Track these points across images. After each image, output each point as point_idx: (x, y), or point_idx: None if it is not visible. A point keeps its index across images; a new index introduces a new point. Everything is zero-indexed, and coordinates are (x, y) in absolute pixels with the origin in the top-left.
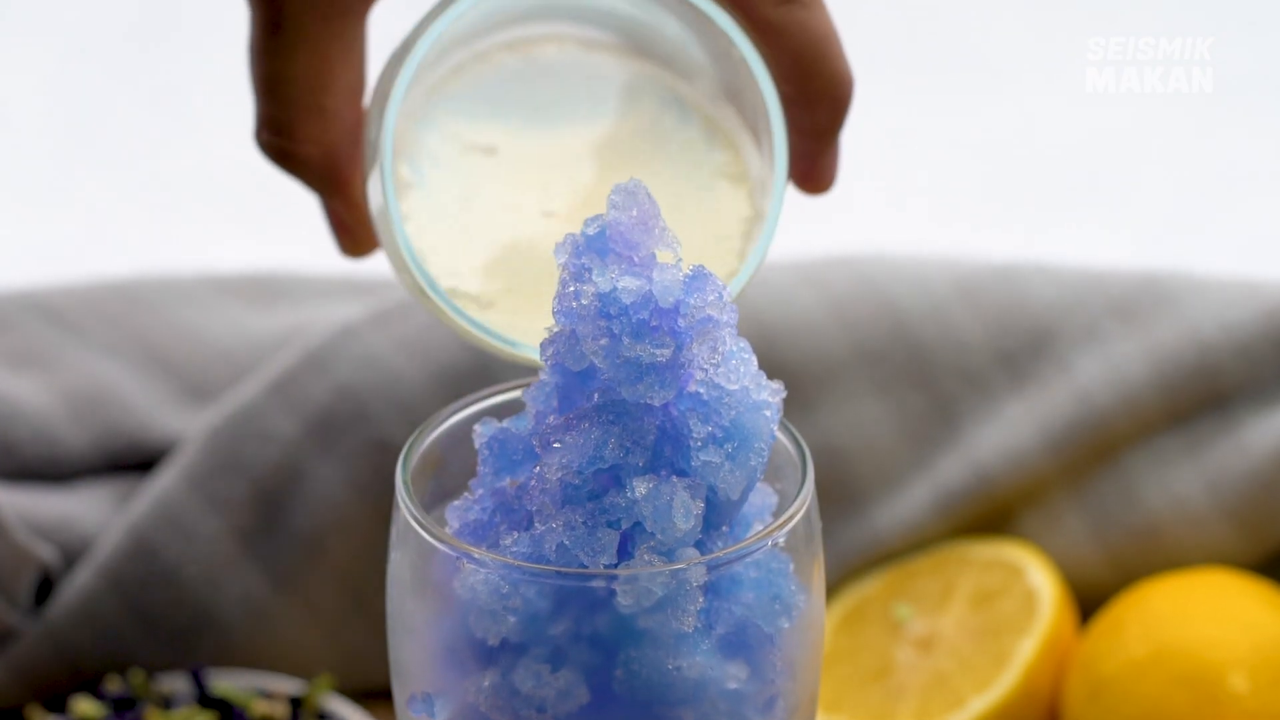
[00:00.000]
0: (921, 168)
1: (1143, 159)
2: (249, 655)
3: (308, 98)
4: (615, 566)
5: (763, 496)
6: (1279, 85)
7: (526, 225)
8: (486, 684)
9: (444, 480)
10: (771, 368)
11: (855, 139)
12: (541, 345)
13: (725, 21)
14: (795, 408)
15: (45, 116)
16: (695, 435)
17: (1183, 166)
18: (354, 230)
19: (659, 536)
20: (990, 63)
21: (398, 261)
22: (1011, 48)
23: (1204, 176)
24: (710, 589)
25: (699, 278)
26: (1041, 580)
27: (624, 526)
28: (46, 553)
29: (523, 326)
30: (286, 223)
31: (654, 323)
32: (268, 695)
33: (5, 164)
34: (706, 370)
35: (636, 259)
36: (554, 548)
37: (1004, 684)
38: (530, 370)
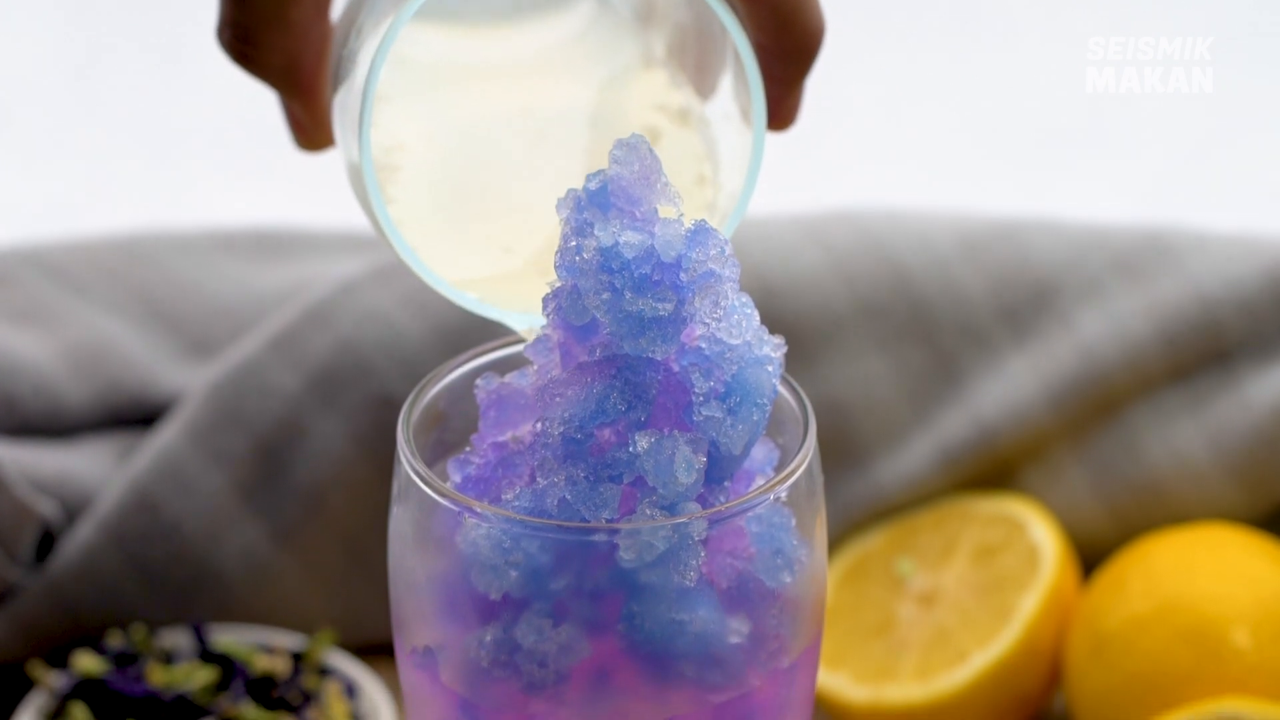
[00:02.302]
0: (924, 123)
1: (1146, 115)
2: (250, 610)
3: (273, 7)
4: (617, 521)
5: (765, 451)
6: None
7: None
8: (488, 638)
9: (445, 435)
10: (773, 322)
11: (858, 95)
12: (544, 300)
13: None
14: (797, 363)
15: (46, 71)
16: (697, 390)
17: (1186, 122)
18: (311, 132)
19: (661, 491)
20: (993, 18)
21: (370, 214)
22: (1014, 1)
23: (1207, 132)
24: (712, 543)
25: (701, 232)
26: (1043, 535)
27: (626, 481)
28: (47, 508)
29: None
30: (289, 178)
31: (656, 277)
32: (269, 650)
33: (6, 119)
34: (708, 325)
35: (638, 214)
36: (556, 502)
37: (1006, 639)
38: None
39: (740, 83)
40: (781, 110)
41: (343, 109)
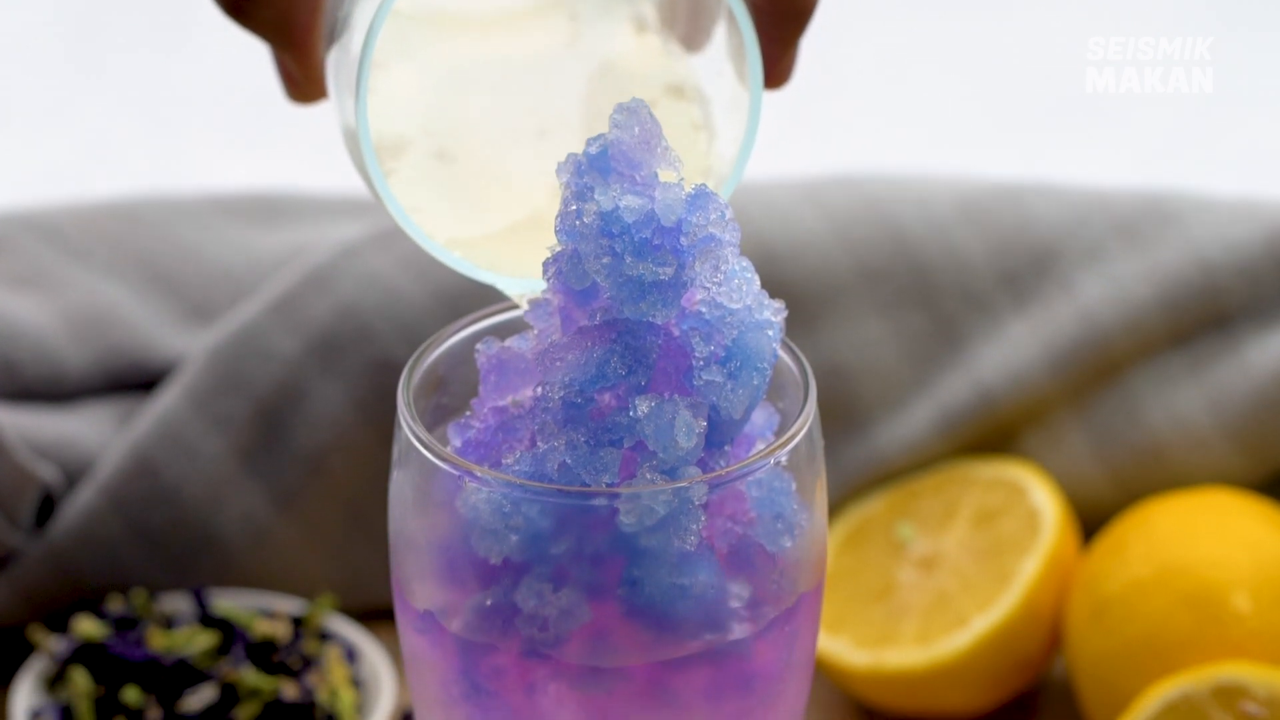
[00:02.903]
0: (925, 87)
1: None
2: (251, 575)
3: None
4: (617, 485)
5: (765, 415)
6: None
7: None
8: (488, 603)
9: (446, 399)
10: (774, 287)
11: (858, 59)
12: (544, 264)
13: None
14: (797, 327)
15: (46, 35)
16: (697, 354)
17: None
18: (303, 85)
19: (661, 455)
20: None
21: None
22: None
23: (1207, 96)
24: (712, 508)
25: (701, 197)
26: (1044, 500)
27: (626, 445)
28: (48, 473)
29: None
30: (289, 142)
31: (656, 241)
32: (269, 615)
33: (6, 84)
34: (709, 289)
35: (639, 178)
36: (556, 466)
37: (1006, 603)
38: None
39: (734, 41)
40: (777, 70)
41: (338, 69)
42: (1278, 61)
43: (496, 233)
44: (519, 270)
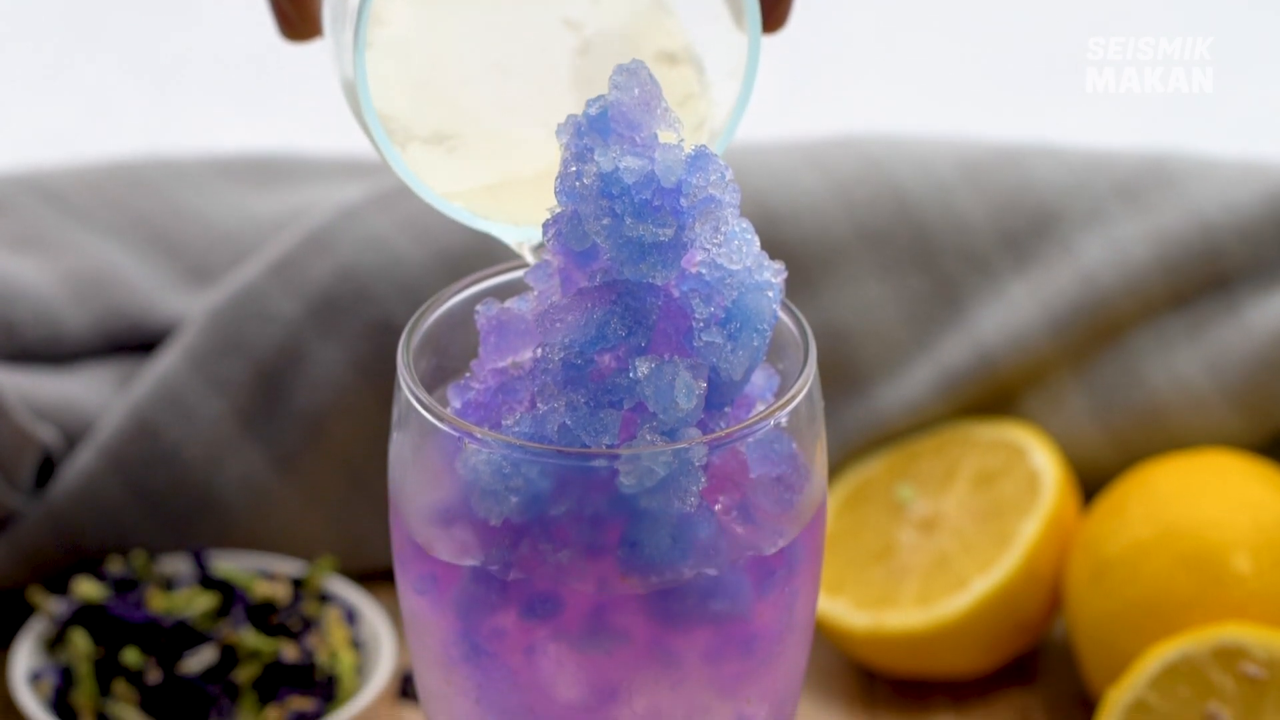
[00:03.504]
0: (925, 49)
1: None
2: (250, 536)
3: None
4: (617, 446)
5: (765, 376)
6: None
7: (481, 84)
8: (489, 564)
9: (445, 361)
10: (774, 248)
11: (859, 20)
12: (544, 226)
13: None
14: (798, 289)
15: None
16: (697, 315)
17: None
18: (297, 25)
19: (661, 416)
20: None
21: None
22: None
23: (1208, 58)
24: (712, 469)
25: (701, 158)
26: (1044, 461)
27: (626, 406)
28: (47, 434)
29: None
30: (288, 104)
31: (656, 202)
32: (269, 576)
33: (6, 46)
34: (709, 250)
35: (639, 139)
36: (556, 428)
37: (1006, 565)
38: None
39: None
40: (775, 13)
41: (335, 17)
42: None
43: (494, 186)
44: (518, 219)
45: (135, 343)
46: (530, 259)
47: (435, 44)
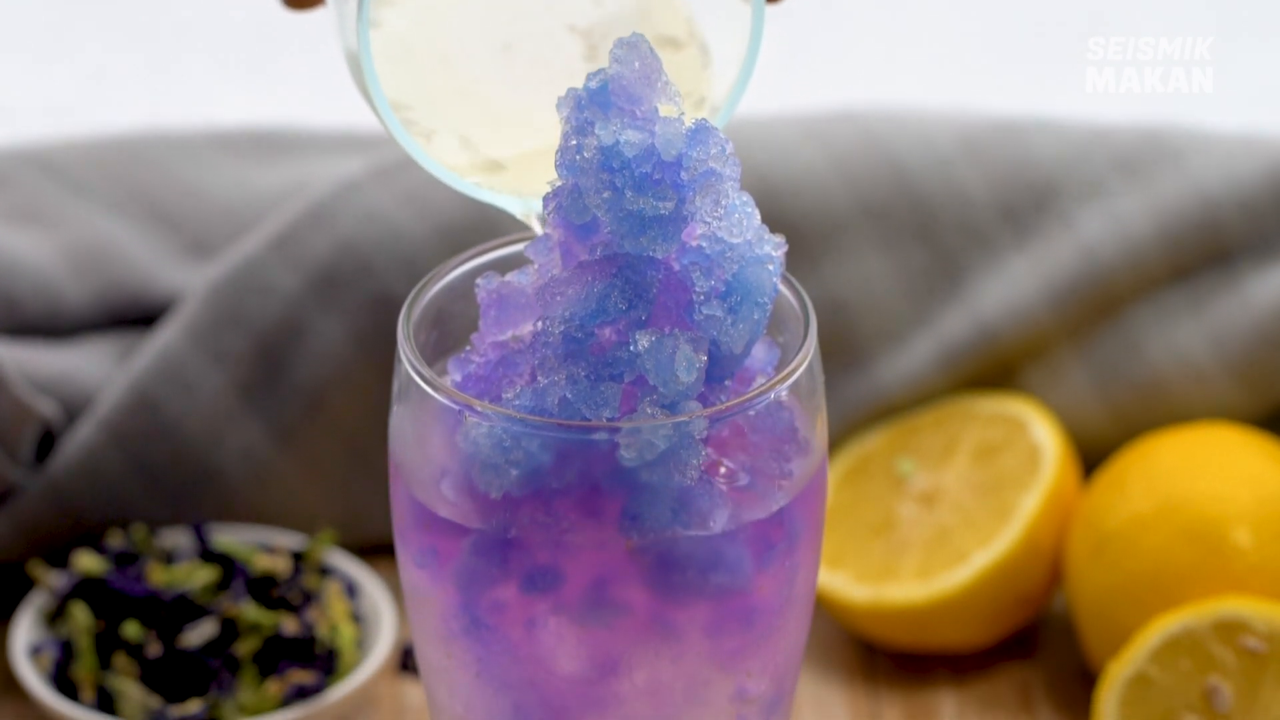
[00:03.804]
0: (925, 22)
1: (1147, 12)
2: (251, 510)
3: None
4: (618, 419)
5: (766, 350)
6: None
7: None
8: (489, 538)
9: (446, 334)
10: (774, 222)
11: None
12: (544, 199)
13: None
14: (798, 262)
15: None
16: (698, 289)
17: (1186, 20)
18: None
19: (661, 389)
20: None
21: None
22: None
23: (1208, 30)
24: (712, 443)
25: (702, 131)
26: (1044, 435)
27: (627, 379)
28: (48, 408)
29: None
30: (288, 77)
31: (657, 176)
32: (270, 550)
33: (5, 18)
34: (709, 224)
35: (639, 113)
36: (556, 401)
37: (1007, 538)
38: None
39: None
40: None
41: None
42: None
43: (499, 159)
44: (523, 191)
45: (135, 316)
46: (539, 229)
47: (440, 18)
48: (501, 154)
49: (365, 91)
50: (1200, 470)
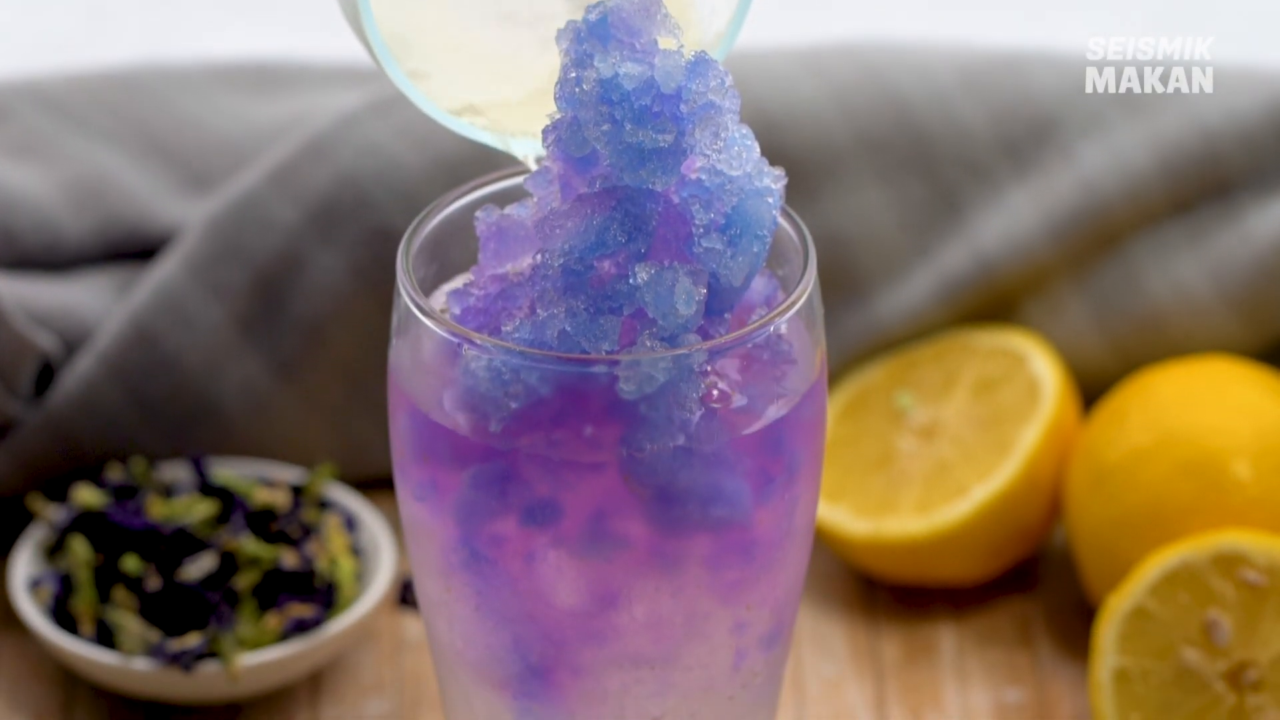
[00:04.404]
0: None
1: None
2: (250, 444)
3: None
4: (617, 352)
5: (765, 282)
6: None
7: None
8: (488, 471)
9: (445, 267)
10: (774, 155)
11: None
12: (544, 132)
13: None
14: (797, 196)
15: None
16: (697, 221)
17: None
18: None
19: (661, 322)
20: None
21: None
22: None
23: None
24: (712, 375)
25: (701, 64)
26: (1044, 368)
27: (626, 312)
28: (47, 342)
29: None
30: (288, 10)
31: (656, 109)
32: (269, 484)
33: None
34: (709, 156)
35: (638, 45)
36: (556, 334)
37: (1006, 472)
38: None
39: None
40: None
41: None
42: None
43: (501, 97)
44: (525, 131)
45: (134, 250)
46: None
47: None
48: (494, 95)
49: (360, 32)
50: (1200, 403)
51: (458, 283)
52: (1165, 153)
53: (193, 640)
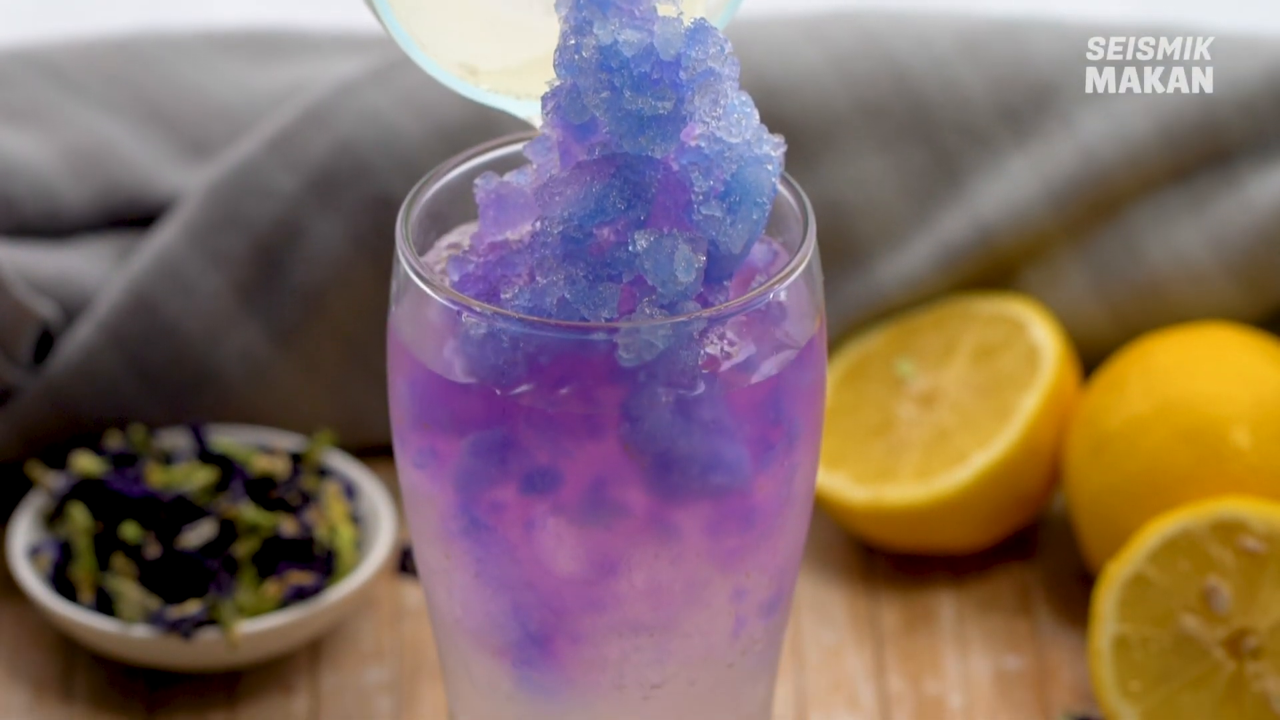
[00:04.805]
0: None
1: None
2: (249, 411)
3: None
4: (616, 320)
5: (765, 250)
6: None
7: None
8: (488, 438)
9: (445, 234)
10: (773, 122)
11: None
12: (543, 99)
13: None
14: (797, 163)
15: None
16: (697, 189)
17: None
18: None
19: (660, 290)
20: None
21: None
22: None
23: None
24: (712, 342)
25: (700, 31)
26: (1044, 335)
27: (625, 280)
28: (46, 309)
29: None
30: None
31: (655, 75)
32: (268, 451)
33: None
34: (708, 123)
35: (638, 12)
36: (555, 301)
37: (1006, 439)
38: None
39: None
40: None
41: None
42: None
43: (505, 63)
44: (526, 94)
45: (133, 217)
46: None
47: None
48: (502, 57)
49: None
50: (1199, 371)
51: (454, 236)
52: (1165, 120)
53: (192, 607)
